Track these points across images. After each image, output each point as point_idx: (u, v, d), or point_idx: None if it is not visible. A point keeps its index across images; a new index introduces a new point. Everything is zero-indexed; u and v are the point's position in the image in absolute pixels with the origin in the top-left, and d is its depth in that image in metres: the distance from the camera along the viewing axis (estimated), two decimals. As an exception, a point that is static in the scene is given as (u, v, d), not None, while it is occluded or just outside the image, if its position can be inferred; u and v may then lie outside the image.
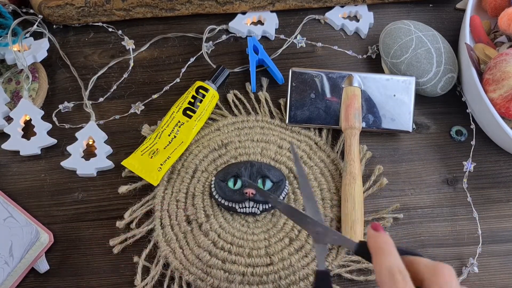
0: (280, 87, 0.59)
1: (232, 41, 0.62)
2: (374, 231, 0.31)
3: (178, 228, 0.50)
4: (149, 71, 0.60)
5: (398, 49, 0.55)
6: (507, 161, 0.56)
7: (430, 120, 0.58)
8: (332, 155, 0.54)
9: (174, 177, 0.52)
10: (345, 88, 0.55)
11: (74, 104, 0.57)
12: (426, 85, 0.55)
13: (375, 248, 0.31)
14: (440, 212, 0.53)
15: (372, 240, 0.31)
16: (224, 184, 0.50)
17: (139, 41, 0.61)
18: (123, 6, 0.60)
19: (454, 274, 0.28)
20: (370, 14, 0.63)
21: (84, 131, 0.54)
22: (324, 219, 0.35)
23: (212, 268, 0.47)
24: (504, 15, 0.55)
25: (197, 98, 0.54)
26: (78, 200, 0.52)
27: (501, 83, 0.49)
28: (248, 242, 0.49)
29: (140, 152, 0.52)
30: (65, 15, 0.59)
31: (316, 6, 0.63)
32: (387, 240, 0.31)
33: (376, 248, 0.30)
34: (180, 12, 0.61)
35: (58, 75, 0.59)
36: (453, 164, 0.55)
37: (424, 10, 0.64)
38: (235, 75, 0.59)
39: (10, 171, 0.54)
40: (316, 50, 0.61)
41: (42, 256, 0.49)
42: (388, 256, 0.29)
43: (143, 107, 0.57)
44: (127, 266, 0.49)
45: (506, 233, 0.52)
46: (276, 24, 0.62)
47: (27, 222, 0.48)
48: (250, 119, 0.56)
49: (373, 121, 0.54)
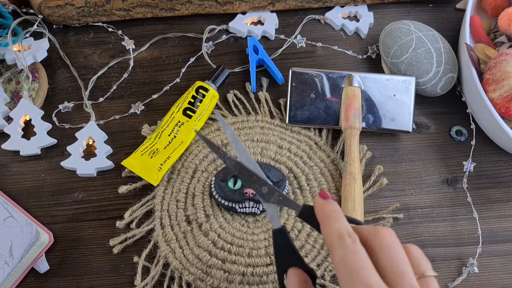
0: (280, 87, 0.59)
1: (232, 41, 0.62)
2: (322, 199, 0.32)
3: (178, 228, 0.50)
4: (149, 71, 0.60)
5: (398, 49, 0.55)
6: (507, 161, 0.56)
7: (430, 120, 0.58)
8: (332, 155, 0.54)
9: (174, 177, 0.52)
10: (345, 88, 0.55)
11: (74, 104, 0.57)
12: (426, 85, 0.55)
13: (323, 215, 0.31)
14: (440, 212, 0.53)
15: (319, 208, 0.31)
16: (224, 184, 0.50)
17: (139, 41, 0.61)
18: (123, 6, 0.60)
19: (394, 235, 0.29)
20: (370, 14, 0.63)
21: (84, 131, 0.54)
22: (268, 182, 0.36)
23: (212, 268, 0.47)
24: (504, 15, 0.56)
25: (197, 98, 0.54)
26: (78, 200, 0.52)
27: (501, 83, 0.49)
28: (248, 242, 0.49)
29: (140, 152, 0.52)
30: (65, 15, 0.59)
31: (316, 6, 0.63)
32: (335, 207, 0.31)
33: (324, 215, 0.31)
34: (180, 12, 0.61)
35: (58, 75, 0.59)
36: (453, 164, 0.55)
37: (424, 10, 0.64)
38: (235, 75, 0.60)
39: (10, 171, 0.54)
40: (316, 50, 0.61)
41: (42, 256, 0.49)
42: (336, 222, 0.30)
43: (143, 107, 0.57)
44: (127, 266, 0.49)
45: (506, 233, 0.52)
46: (276, 24, 0.62)
47: (27, 222, 0.48)
48: (250, 119, 0.56)
49: (373, 121, 0.54)
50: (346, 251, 0.28)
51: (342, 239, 0.28)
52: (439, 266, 0.51)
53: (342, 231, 0.29)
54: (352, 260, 0.27)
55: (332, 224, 0.30)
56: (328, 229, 0.30)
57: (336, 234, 0.29)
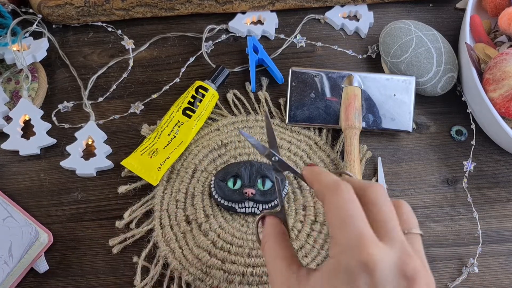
0: (280, 87, 0.59)
1: (231, 40, 0.62)
2: (308, 167, 0.33)
3: (177, 228, 0.50)
4: (149, 71, 0.59)
5: (398, 48, 0.55)
6: (507, 161, 0.56)
7: (430, 120, 0.57)
8: (332, 155, 0.54)
9: (174, 177, 0.52)
10: (345, 88, 0.54)
11: (74, 104, 0.57)
12: (426, 84, 0.55)
13: (315, 172, 0.32)
14: (440, 212, 0.53)
15: (307, 172, 0.33)
16: (223, 184, 0.50)
17: (138, 41, 0.61)
18: (123, 6, 0.60)
19: (384, 190, 0.30)
20: (370, 13, 0.63)
21: (84, 131, 0.54)
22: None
23: (212, 268, 0.47)
24: (504, 14, 0.55)
25: (196, 97, 0.54)
26: (78, 200, 0.52)
27: (501, 83, 0.49)
28: (247, 242, 0.48)
29: (139, 152, 0.52)
30: (64, 15, 0.59)
31: (316, 6, 0.63)
32: (321, 168, 0.33)
33: (317, 172, 0.32)
34: (179, 11, 0.61)
35: (58, 74, 0.59)
36: (453, 164, 0.55)
37: (424, 10, 0.64)
38: (235, 75, 0.59)
39: (9, 171, 0.53)
40: (316, 50, 0.61)
41: (42, 256, 0.49)
42: (330, 174, 0.31)
43: (142, 106, 0.57)
44: (126, 266, 0.49)
45: (506, 233, 0.52)
46: (276, 24, 0.62)
47: (27, 222, 0.48)
48: (250, 119, 0.56)
49: (373, 121, 0.54)
50: (341, 198, 0.28)
51: (338, 187, 0.29)
52: (439, 266, 0.51)
53: (338, 180, 0.29)
54: (347, 207, 0.28)
55: (327, 176, 0.30)
56: (323, 180, 0.30)
57: (332, 183, 0.29)
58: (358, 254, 0.26)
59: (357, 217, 0.27)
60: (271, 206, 0.50)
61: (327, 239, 0.50)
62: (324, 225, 0.50)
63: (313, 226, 0.50)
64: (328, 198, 0.29)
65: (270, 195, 0.49)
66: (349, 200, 0.28)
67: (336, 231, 0.27)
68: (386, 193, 0.30)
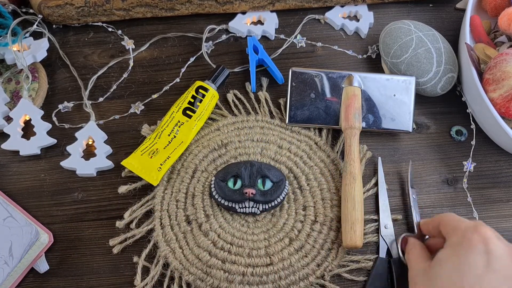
0: (280, 87, 0.59)
1: (232, 41, 0.62)
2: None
3: (178, 228, 0.50)
4: (149, 71, 0.59)
5: (398, 49, 0.55)
6: (507, 161, 0.56)
7: (430, 120, 0.58)
8: (332, 155, 0.54)
9: (174, 177, 0.52)
10: (345, 88, 0.54)
11: (74, 104, 0.57)
12: (426, 85, 0.55)
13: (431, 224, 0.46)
14: (441, 212, 0.53)
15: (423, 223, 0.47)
16: (224, 184, 0.50)
17: (139, 41, 0.61)
18: (123, 6, 0.60)
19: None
20: (370, 14, 0.63)
21: (84, 131, 0.54)
22: None
23: (212, 268, 0.47)
24: (504, 14, 0.55)
25: (197, 98, 0.54)
26: (78, 200, 0.52)
27: (501, 83, 0.49)
28: (248, 242, 0.49)
29: (140, 152, 0.52)
30: (64, 15, 0.59)
31: (316, 6, 0.63)
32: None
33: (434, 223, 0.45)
34: (180, 12, 0.61)
35: (58, 75, 0.59)
36: (453, 164, 0.55)
37: (424, 10, 0.64)
38: (235, 75, 0.59)
39: (9, 171, 0.54)
40: (316, 50, 0.61)
41: (42, 256, 0.49)
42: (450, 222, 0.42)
43: (143, 107, 0.57)
44: (127, 266, 0.49)
45: (506, 233, 0.52)
46: (276, 24, 0.62)
47: (27, 222, 0.48)
48: (250, 119, 0.56)
49: (373, 121, 0.54)
50: (450, 215, 0.43)
51: (445, 215, 0.43)
52: (439, 266, 0.51)
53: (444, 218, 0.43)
54: (456, 217, 0.42)
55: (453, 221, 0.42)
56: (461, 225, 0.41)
57: (472, 225, 0.39)
58: (477, 231, 0.38)
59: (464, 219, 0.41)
60: (271, 206, 0.50)
61: (327, 239, 0.50)
62: (324, 225, 0.50)
63: (313, 226, 0.50)
64: (443, 218, 0.43)
65: (270, 195, 0.49)
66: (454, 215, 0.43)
67: (450, 231, 0.41)
68: None
